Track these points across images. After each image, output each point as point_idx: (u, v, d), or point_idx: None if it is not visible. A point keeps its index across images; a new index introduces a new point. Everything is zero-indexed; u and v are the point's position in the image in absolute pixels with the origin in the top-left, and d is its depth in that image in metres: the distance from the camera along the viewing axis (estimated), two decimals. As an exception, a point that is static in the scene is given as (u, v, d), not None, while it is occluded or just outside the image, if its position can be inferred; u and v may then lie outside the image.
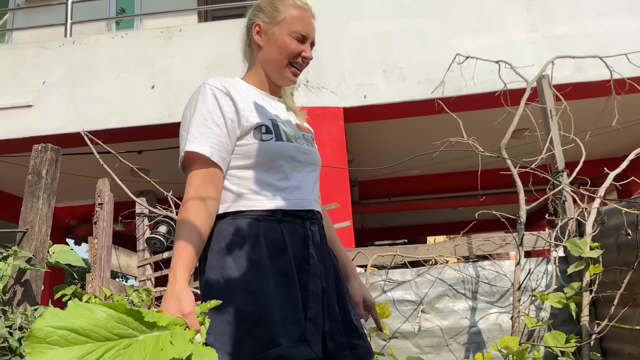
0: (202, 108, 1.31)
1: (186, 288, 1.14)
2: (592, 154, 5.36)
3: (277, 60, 1.43)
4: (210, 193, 1.25)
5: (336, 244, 1.60)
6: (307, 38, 1.44)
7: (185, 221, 1.21)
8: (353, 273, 1.60)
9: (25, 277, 2.12)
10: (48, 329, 0.87)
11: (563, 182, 2.91)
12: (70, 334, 0.88)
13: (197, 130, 1.28)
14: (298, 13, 1.42)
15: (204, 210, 1.23)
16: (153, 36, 4.73)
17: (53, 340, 0.87)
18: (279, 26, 1.42)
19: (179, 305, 1.09)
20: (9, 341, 1.88)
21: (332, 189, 4.00)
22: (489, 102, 4.15)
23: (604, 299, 2.66)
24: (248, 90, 1.41)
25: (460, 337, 2.96)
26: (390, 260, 3.15)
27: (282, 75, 1.44)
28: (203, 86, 1.34)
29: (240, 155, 1.32)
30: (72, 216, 7.70)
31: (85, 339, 0.89)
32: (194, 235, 1.20)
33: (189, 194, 1.24)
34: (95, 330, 0.91)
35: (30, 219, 2.17)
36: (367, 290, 1.59)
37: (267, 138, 1.33)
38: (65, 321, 0.89)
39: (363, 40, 4.48)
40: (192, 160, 1.27)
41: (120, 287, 3.59)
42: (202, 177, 1.26)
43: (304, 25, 1.43)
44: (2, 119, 4.66)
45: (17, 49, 4.88)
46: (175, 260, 1.16)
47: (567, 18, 4.34)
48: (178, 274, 1.14)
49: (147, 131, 4.65)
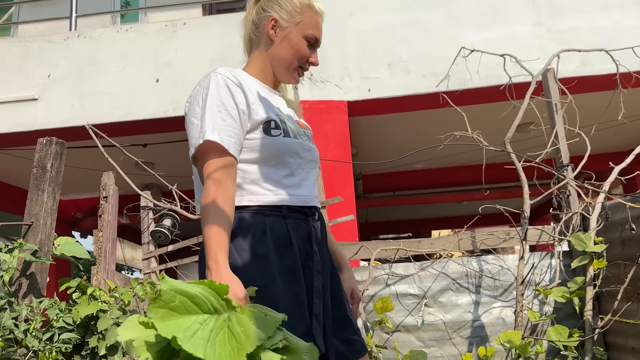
0: (216, 98, 1.28)
1: (233, 274, 1.14)
2: (598, 148, 5.34)
3: (287, 60, 1.42)
4: (229, 180, 1.24)
5: (328, 236, 1.60)
6: (317, 45, 1.45)
7: (212, 206, 1.19)
8: (346, 264, 1.60)
9: (30, 270, 2.14)
10: (171, 293, 0.90)
11: (568, 176, 2.90)
12: (187, 301, 0.91)
13: (214, 121, 1.26)
14: (315, 18, 1.43)
15: (228, 195, 1.22)
16: (157, 30, 4.73)
17: (174, 306, 0.90)
18: (297, 27, 1.41)
19: (232, 290, 1.09)
20: (14, 333, 1.90)
21: (336, 182, 4.00)
22: (494, 95, 4.13)
23: (608, 293, 2.65)
24: (254, 83, 1.40)
25: (463, 331, 2.97)
26: (393, 254, 3.16)
27: (289, 75, 1.44)
28: (214, 75, 1.32)
29: (248, 149, 1.31)
30: (77, 209, 7.74)
31: (196, 309, 0.92)
32: (224, 219, 1.19)
33: (209, 180, 1.22)
34: (202, 299, 0.94)
35: (35, 212, 2.19)
36: (357, 285, 1.60)
37: (275, 134, 1.32)
38: (182, 286, 0.92)
39: (367, 34, 4.47)
40: (210, 150, 1.25)
41: (125, 279, 3.62)
42: (221, 166, 1.24)
43: (318, 32, 1.44)
44: (8, 113, 4.68)
45: (23, 42, 4.90)
46: (214, 247, 1.15)
47: (573, 11, 4.31)
48: (221, 260, 1.14)
49: (152, 124, 4.66)
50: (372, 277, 3.02)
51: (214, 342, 0.89)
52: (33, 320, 1.98)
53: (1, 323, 1.85)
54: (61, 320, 2.01)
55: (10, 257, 2.00)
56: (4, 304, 1.91)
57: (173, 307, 0.90)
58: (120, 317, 2.10)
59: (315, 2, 1.45)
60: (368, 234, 10.41)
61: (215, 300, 0.96)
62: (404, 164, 5.83)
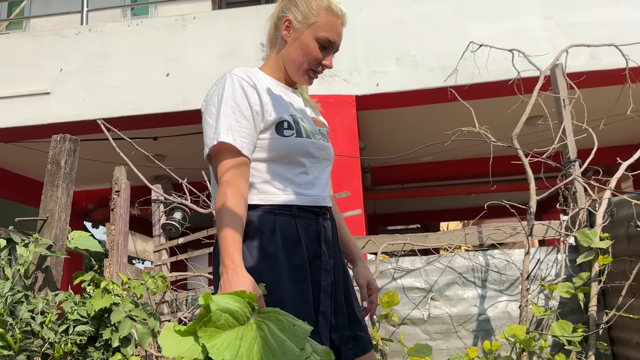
0: (230, 99, 1.31)
1: (247, 273, 1.16)
2: (607, 141, 5.32)
3: (297, 62, 1.42)
4: (242, 182, 1.27)
5: (343, 229, 1.63)
6: (332, 48, 1.43)
7: (227, 208, 1.21)
8: (359, 257, 1.64)
9: (45, 264, 2.20)
10: (219, 313, 1.00)
11: (574, 172, 2.91)
12: (230, 317, 1.01)
13: (228, 122, 1.28)
14: (330, 20, 1.40)
15: (242, 197, 1.25)
16: (167, 24, 4.76)
17: (220, 324, 1.00)
18: (309, 29, 1.40)
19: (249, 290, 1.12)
20: (31, 325, 1.96)
21: (344, 176, 4.03)
22: (502, 90, 4.13)
23: (613, 289, 2.67)
24: (269, 82, 1.42)
25: (469, 324, 3.00)
26: (400, 248, 3.19)
27: (300, 77, 1.45)
28: (230, 75, 1.34)
29: (261, 149, 1.34)
30: (89, 200, 7.85)
31: (235, 322, 1.02)
32: (238, 220, 1.21)
33: (223, 182, 1.25)
34: (240, 313, 1.03)
35: (50, 208, 2.25)
36: (372, 275, 1.63)
37: (288, 134, 1.34)
38: (226, 304, 1.02)
39: (376, 28, 4.47)
40: (223, 150, 1.28)
41: (137, 271, 3.69)
42: (235, 166, 1.27)
43: (333, 34, 1.41)
44: (20, 106, 4.76)
45: (35, 36, 4.95)
46: (229, 246, 1.17)
47: (582, 5, 4.27)
48: (237, 259, 1.16)
49: (163, 118, 4.71)
50: (379, 270, 3.06)
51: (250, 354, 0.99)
52: (49, 312, 2.04)
53: (19, 315, 1.92)
54: (76, 312, 2.08)
55: (27, 251, 2.06)
56: (21, 297, 1.97)
57: (219, 325, 1.00)
58: (132, 310, 2.16)
59: (336, 4, 1.42)
60: (376, 225, 10.45)
61: (247, 310, 1.05)
62: (412, 157, 5.85)
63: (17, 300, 1.96)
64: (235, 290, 1.12)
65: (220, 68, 4.41)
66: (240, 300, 1.04)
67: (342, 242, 1.61)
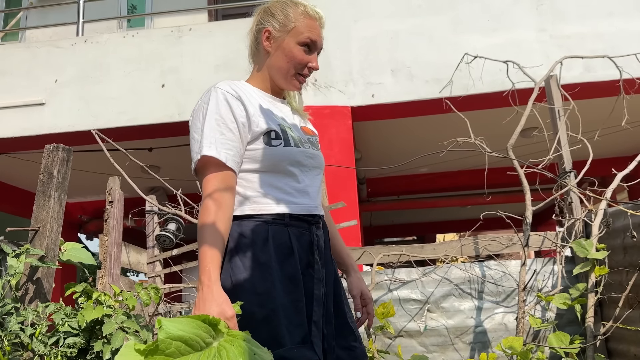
0: (215, 113, 1.31)
1: (223, 291, 1.16)
2: (602, 153, 5.33)
3: (284, 69, 1.43)
4: (227, 196, 1.26)
5: (336, 239, 1.62)
6: (315, 48, 1.44)
7: (208, 224, 1.22)
8: (353, 267, 1.62)
9: (37, 275, 2.17)
10: (168, 341, 0.96)
11: (570, 183, 2.91)
12: (182, 344, 0.97)
13: (212, 136, 1.29)
14: (308, 22, 1.42)
15: (224, 213, 1.24)
16: (163, 35, 4.77)
17: (170, 352, 0.96)
18: (289, 35, 1.41)
19: (220, 308, 1.12)
20: (20, 337, 1.93)
21: (340, 187, 4.02)
22: (497, 101, 4.14)
23: (610, 300, 2.66)
24: (255, 94, 1.42)
25: (465, 336, 2.98)
26: (396, 260, 3.17)
27: (288, 83, 1.45)
28: (214, 89, 1.35)
29: (250, 160, 1.34)
30: (83, 211, 7.80)
31: (189, 349, 0.98)
32: (218, 238, 1.21)
33: (207, 197, 1.25)
34: (195, 339, 0.98)
35: (42, 218, 2.23)
36: (365, 285, 1.62)
37: (276, 143, 1.34)
38: (178, 331, 0.97)
39: (371, 39, 4.49)
40: (208, 164, 1.28)
41: (130, 283, 3.65)
42: (219, 180, 1.27)
43: (314, 34, 1.42)
44: (15, 117, 4.74)
45: (30, 47, 4.95)
46: (207, 263, 1.17)
47: (576, 17, 4.31)
48: (213, 276, 1.16)
49: (158, 129, 4.70)
50: (375, 282, 3.03)
51: None
52: (39, 324, 2.01)
53: (8, 327, 1.88)
54: (66, 324, 2.04)
55: (17, 262, 2.03)
56: (11, 308, 1.94)
57: (169, 353, 0.96)
58: (124, 322, 2.12)
59: (311, 8, 1.44)
60: (372, 237, 10.42)
61: (207, 335, 1.00)
62: (408, 168, 5.85)
63: (7, 312, 1.92)
64: (207, 308, 1.11)
65: (216, 79, 4.39)
66: (198, 324, 1.00)
67: (336, 252, 1.60)
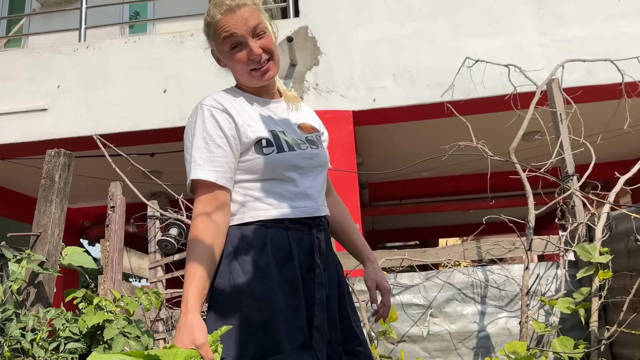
0: (202, 131, 1.30)
1: (198, 318, 1.14)
2: (605, 157, 5.32)
3: (240, 75, 1.40)
4: (217, 215, 1.25)
5: (351, 230, 1.60)
6: (241, 39, 1.33)
7: (194, 245, 1.21)
8: (369, 257, 1.59)
9: (38, 280, 2.17)
10: None
11: (573, 186, 2.90)
12: None
13: (200, 157, 1.28)
14: (218, 25, 1.33)
15: (212, 231, 1.23)
16: (165, 41, 4.79)
17: None
18: (218, 48, 1.38)
19: (192, 337, 1.10)
20: (21, 343, 1.92)
21: (341, 192, 3.98)
22: (499, 105, 4.13)
23: (614, 304, 2.64)
24: (244, 100, 1.39)
25: (468, 341, 2.96)
26: (398, 264, 3.16)
27: (251, 82, 1.39)
28: (200, 107, 1.33)
29: (244, 171, 1.33)
30: (85, 217, 7.80)
31: None
32: (204, 258, 1.20)
33: (195, 218, 1.24)
34: None
35: (43, 223, 2.22)
36: (383, 275, 1.57)
37: (268, 152, 1.32)
38: None
39: (373, 44, 4.49)
40: (198, 186, 1.28)
41: (132, 288, 3.64)
42: (208, 200, 1.26)
43: (229, 31, 1.32)
44: (17, 123, 4.75)
45: (33, 53, 4.97)
46: (186, 289, 1.16)
47: (577, 21, 4.31)
48: (190, 303, 1.14)
49: (160, 134, 4.71)
50: (377, 287, 3.01)
51: None
52: (40, 330, 2.00)
53: (8, 333, 1.88)
54: (67, 330, 2.03)
55: (19, 267, 2.03)
56: (12, 314, 1.93)
57: None
58: (125, 327, 2.11)
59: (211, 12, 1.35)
60: (375, 241, 10.40)
61: None
62: (410, 173, 5.84)
63: (7, 318, 1.92)
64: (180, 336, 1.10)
65: (217, 84, 4.38)
66: None
67: (351, 242, 1.59)
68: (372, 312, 1.51)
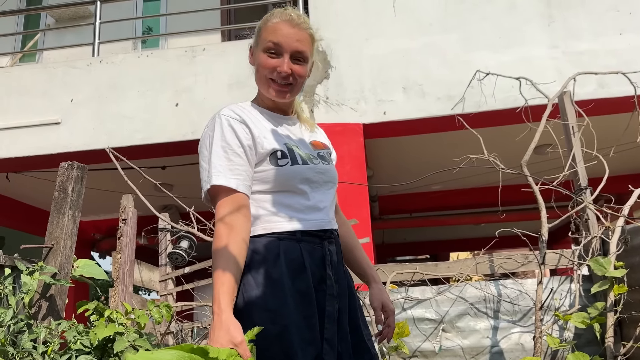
0: (221, 140, 1.32)
1: (232, 317, 1.14)
2: (617, 170, 5.25)
3: (259, 79, 1.42)
4: (240, 218, 1.26)
5: (357, 250, 1.60)
6: (282, 50, 1.37)
7: (221, 250, 1.22)
8: (374, 278, 1.59)
9: (50, 292, 2.18)
10: None
11: (586, 199, 2.87)
12: None
13: (220, 164, 1.29)
14: (273, 27, 1.37)
15: (238, 237, 1.24)
16: (177, 55, 4.84)
17: None
18: (258, 46, 1.41)
19: (229, 336, 1.10)
20: (33, 355, 1.92)
21: (352, 205, 4.01)
22: (510, 118, 4.12)
23: (630, 319, 2.59)
24: (259, 114, 1.42)
25: (481, 356, 2.92)
26: (410, 278, 3.14)
27: (266, 91, 1.41)
28: (218, 116, 1.36)
29: (258, 181, 1.34)
30: (97, 230, 7.85)
31: None
32: (231, 263, 1.20)
33: (219, 221, 1.25)
34: None
35: (56, 235, 2.24)
36: (388, 296, 1.58)
37: (283, 163, 1.34)
38: None
39: (383, 57, 4.51)
40: (219, 192, 1.29)
41: (142, 301, 3.65)
42: (230, 203, 1.27)
43: (276, 35, 1.36)
44: (31, 136, 4.81)
45: (47, 68, 5.04)
46: (217, 291, 1.17)
47: (589, 34, 4.29)
48: (222, 304, 1.15)
49: (171, 147, 4.74)
50: (388, 300, 2.99)
51: None
52: (51, 342, 2.01)
53: (20, 345, 1.88)
54: (79, 342, 2.04)
55: (31, 279, 2.04)
56: (23, 325, 1.94)
57: None
58: (136, 340, 2.11)
59: (281, 11, 1.39)
60: (385, 255, 10.33)
61: None
62: (420, 186, 5.82)
63: (20, 330, 1.92)
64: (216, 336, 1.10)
65: (229, 98, 4.45)
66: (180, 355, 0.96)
67: (357, 263, 1.59)
68: (374, 334, 1.51)
